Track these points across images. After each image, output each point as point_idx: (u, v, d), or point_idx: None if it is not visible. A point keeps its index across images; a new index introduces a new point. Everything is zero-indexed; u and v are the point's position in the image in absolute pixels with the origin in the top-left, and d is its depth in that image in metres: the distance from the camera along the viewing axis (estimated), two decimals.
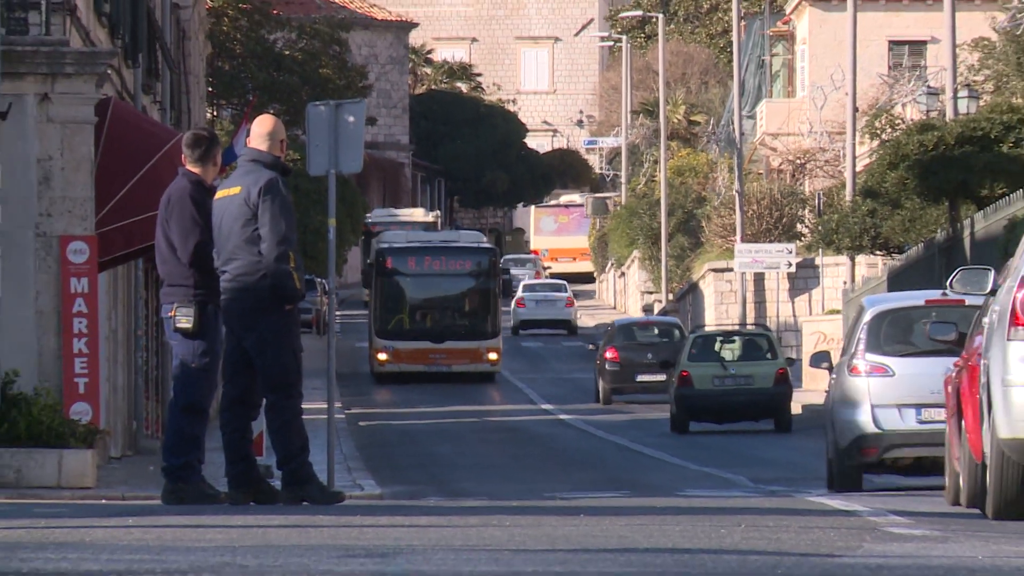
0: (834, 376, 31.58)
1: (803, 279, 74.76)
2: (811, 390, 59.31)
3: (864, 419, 29.44)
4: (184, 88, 47.68)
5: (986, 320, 18.45)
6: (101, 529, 12.41)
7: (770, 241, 75.28)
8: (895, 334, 30.35)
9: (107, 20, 35.57)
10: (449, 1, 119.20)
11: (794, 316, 76.90)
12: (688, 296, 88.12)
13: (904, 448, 29.06)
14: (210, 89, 59.53)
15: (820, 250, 71.46)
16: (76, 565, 8.21)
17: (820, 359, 35.71)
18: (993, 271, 19.84)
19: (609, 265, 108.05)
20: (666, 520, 15.20)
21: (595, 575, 7.78)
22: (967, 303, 24.98)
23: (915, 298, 33.33)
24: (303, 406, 19.37)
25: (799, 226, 77.97)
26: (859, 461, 28.92)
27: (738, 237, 77.02)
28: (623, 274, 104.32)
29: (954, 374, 20.23)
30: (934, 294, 30.97)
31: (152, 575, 7.57)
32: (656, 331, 68.78)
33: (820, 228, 69.08)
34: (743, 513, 17.20)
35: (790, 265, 72.69)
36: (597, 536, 11.96)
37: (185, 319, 18.97)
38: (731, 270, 77.81)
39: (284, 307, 18.86)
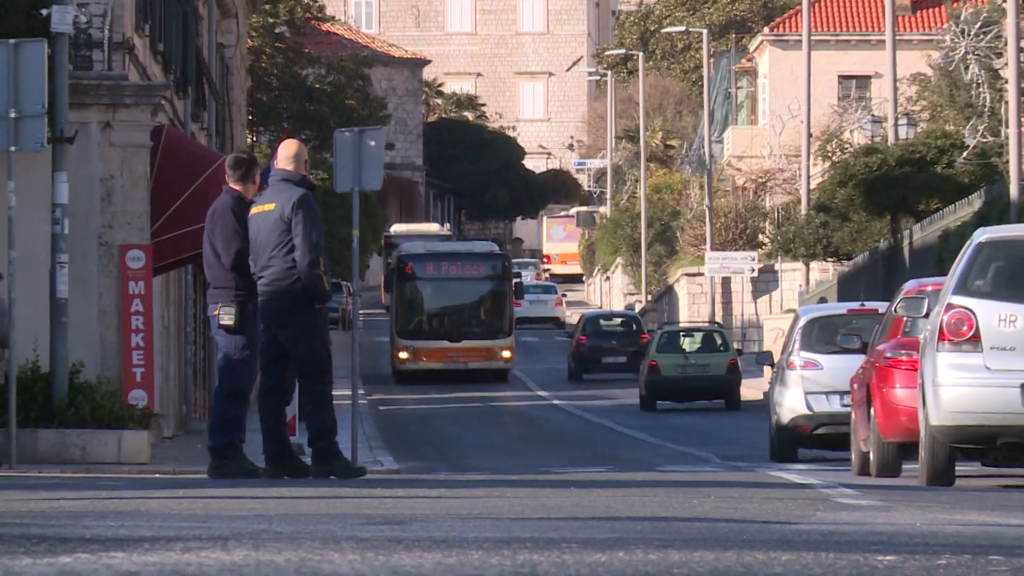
0: (776, 369, 34.35)
1: (764, 282, 74.64)
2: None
3: (799, 403, 31.65)
4: (227, 116, 47.56)
5: (921, 336, 20.74)
6: (155, 500, 12.37)
7: (736, 249, 75.20)
8: (823, 336, 32.24)
9: (161, 57, 35.52)
10: (457, 41, 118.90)
11: (756, 315, 76.89)
12: (665, 297, 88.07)
13: (830, 426, 30.59)
14: (250, 117, 59.30)
15: (779, 257, 71.41)
16: (132, 532, 8.16)
17: (764, 359, 42.57)
18: (928, 299, 21.61)
19: (596, 270, 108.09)
20: (645, 492, 15.14)
21: (584, 540, 7.73)
22: (879, 311, 27.69)
23: (839, 308, 38.82)
24: (332, 392, 19.42)
25: (761, 236, 77.80)
26: (795, 436, 31.23)
27: (708, 246, 76.95)
28: (608, 278, 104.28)
29: (861, 373, 23.25)
30: (854, 305, 35.03)
31: (198, 540, 7.52)
32: (619, 322, 69.85)
33: (779, 238, 69.25)
34: (712, 486, 17.15)
35: (753, 271, 72.57)
36: (586, 506, 11.91)
37: (228, 317, 19.20)
38: (702, 275, 77.83)
39: (315, 306, 18.94)
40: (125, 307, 29.20)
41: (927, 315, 20.84)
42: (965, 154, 52.68)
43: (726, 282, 76.79)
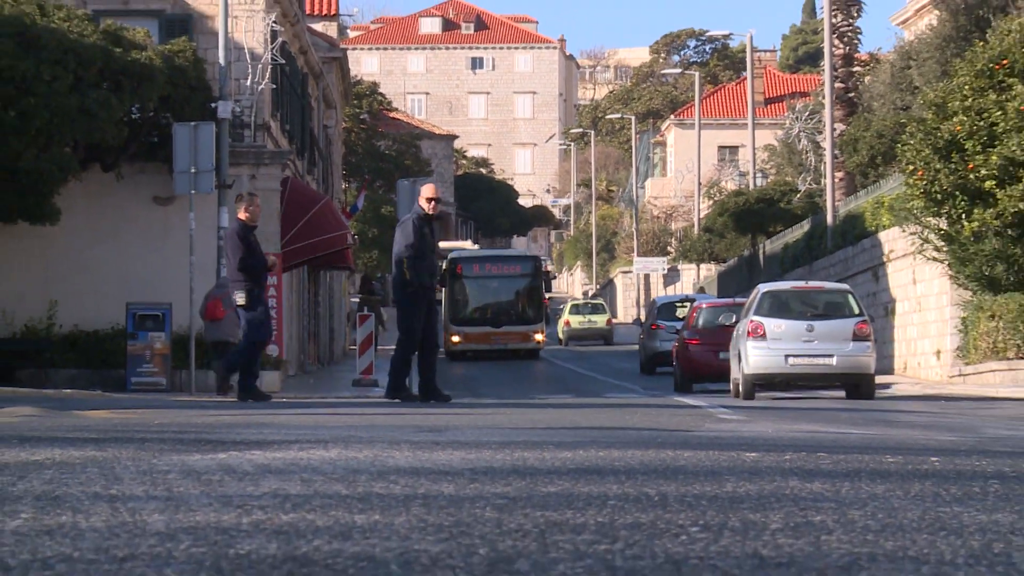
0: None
1: (671, 278, 74.52)
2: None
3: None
4: (329, 171, 47.51)
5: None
6: (282, 416, 12.30)
7: (653, 256, 75.27)
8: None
9: (287, 133, 35.44)
10: (476, 123, 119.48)
11: None
12: (608, 287, 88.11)
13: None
14: (343, 172, 59.19)
15: (680, 261, 71.42)
16: (266, 437, 8.09)
17: (637, 323, 44.02)
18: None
19: (564, 268, 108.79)
20: (596, 411, 15.06)
21: (557, 443, 7.65)
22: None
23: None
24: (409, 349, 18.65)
25: (668, 248, 77.81)
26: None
27: (635, 254, 77.09)
28: (571, 274, 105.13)
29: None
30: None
31: (309, 443, 7.45)
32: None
33: (680, 249, 69.49)
34: (638, 407, 17.07)
35: (664, 270, 72.52)
36: (558, 419, 11.84)
37: (240, 298, 18.75)
38: (631, 272, 78.00)
39: (405, 289, 18.12)
40: (264, 291, 29.08)
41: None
42: (798, 196, 52.67)
43: (647, 277, 76.83)
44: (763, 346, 23.83)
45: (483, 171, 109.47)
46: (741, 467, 5.95)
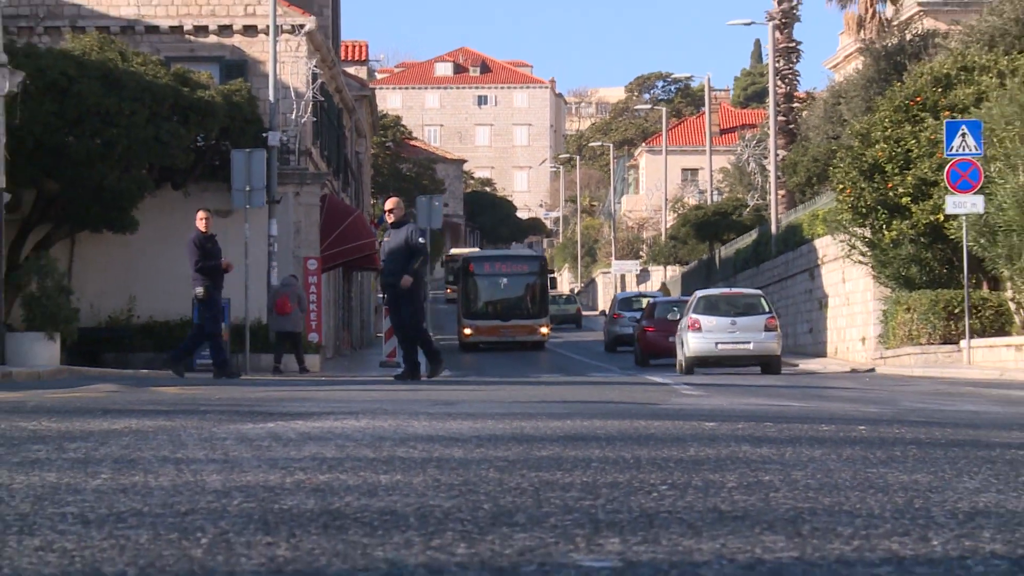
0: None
1: (643, 277, 74.28)
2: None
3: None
4: (360, 190, 47.47)
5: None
6: (320, 392, 12.28)
7: (628, 259, 75.22)
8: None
9: (326, 157, 35.41)
10: (482, 150, 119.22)
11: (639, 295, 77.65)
12: (590, 285, 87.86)
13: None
14: (372, 190, 59.19)
15: (650, 264, 71.32)
16: (307, 409, 8.06)
17: (603, 313, 43.83)
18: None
19: (553, 269, 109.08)
20: (580, 388, 15.03)
21: (549, 414, 7.62)
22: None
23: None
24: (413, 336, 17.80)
25: (641, 253, 77.68)
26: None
27: (613, 258, 77.07)
28: (560, 274, 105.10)
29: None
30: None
31: (342, 414, 7.42)
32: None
33: (650, 253, 69.34)
34: (615, 385, 17.06)
35: (637, 271, 72.51)
36: (549, 395, 11.80)
37: (198, 293, 18.18)
38: (610, 273, 77.93)
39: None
40: (306, 289, 29.04)
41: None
42: (747, 210, 52.60)
43: (623, 277, 76.67)
44: (699, 336, 26.59)
45: (487, 189, 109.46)
46: (701, 435, 5.91)
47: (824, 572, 2.37)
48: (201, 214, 18.76)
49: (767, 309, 27.11)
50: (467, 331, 42.14)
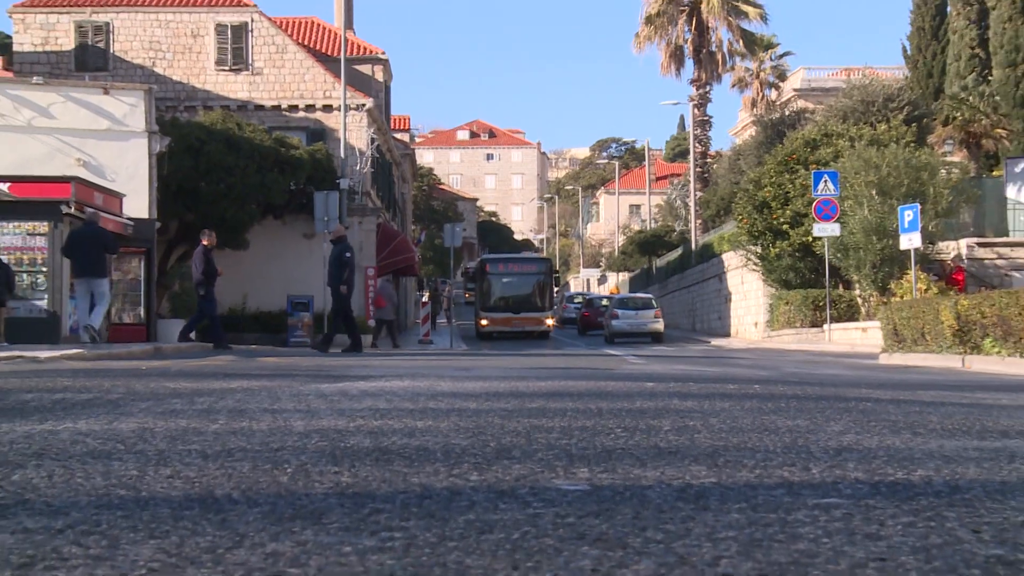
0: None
1: (602, 280, 74.09)
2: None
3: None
4: (404, 219, 47.34)
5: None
6: (376, 361, 12.18)
7: (592, 268, 75.08)
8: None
9: (380, 196, 35.20)
10: (490, 191, 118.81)
11: (599, 292, 77.31)
12: (565, 287, 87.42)
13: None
14: (412, 219, 59.06)
15: (607, 271, 71.19)
16: (367, 373, 7.97)
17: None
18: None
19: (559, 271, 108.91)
20: (559, 358, 14.95)
21: (536, 376, 7.54)
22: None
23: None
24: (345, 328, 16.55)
25: (600, 263, 77.58)
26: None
27: (581, 267, 77.00)
28: None
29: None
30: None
31: (390, 376, 7.33)
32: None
33: (607, 264, 69.13)
34: (583, 355, 16.97)
35: (598, 276, 72.34)
36: (537, 364, 11.71)
37: (202, 291, 16.06)
38: (579, 277, 77.75)
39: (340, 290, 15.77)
40: (367, 289, 28.92)
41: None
42: (675, 234, 52.45)
43: (588, 280, 76.55)
44: (617, 321, 30.24)
45: (493, 219, 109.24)
46: (644, 392, 5.83)
47: (736, 493, 2.29)
48: (207, 234, 16.69)
49: (655, 306, 31.17)
50: (484, 322, 36.72)
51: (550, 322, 36.57)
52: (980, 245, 25.06)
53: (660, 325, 30.32)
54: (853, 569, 1.58)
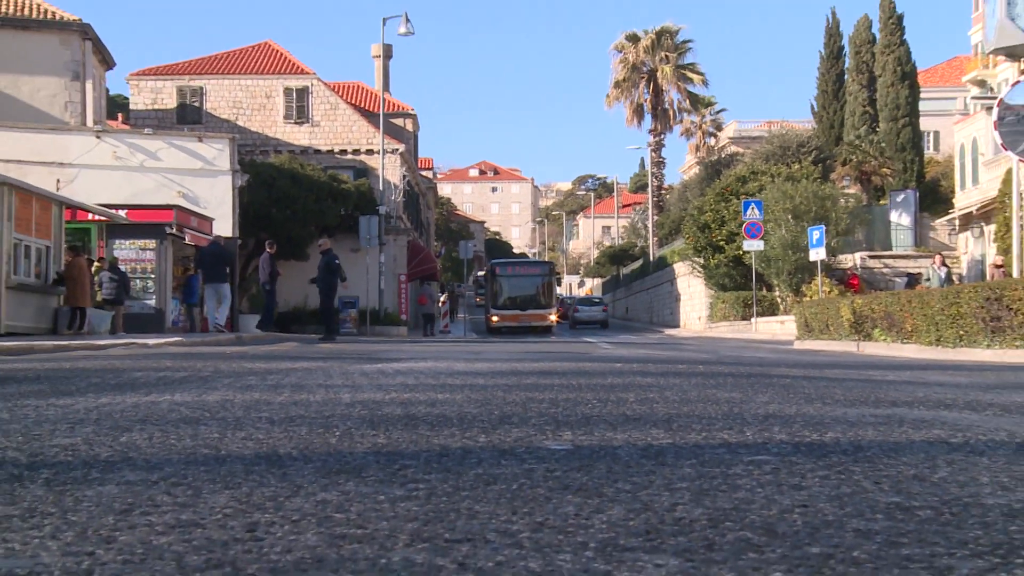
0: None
1: (582, 285, 74.05)
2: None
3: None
4: (428, 238, 47.13)
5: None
6: (406, 345, 12.10)
7: (574, 275, 74.85)
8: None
9: (410, 220, 34.37)
10: (495, 216, 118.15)
11: (576, 295, 76.97)
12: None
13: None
14: (435, 238, 58.78)
15: (585, 277, 70.96)
16: (398, 356, 7.91)
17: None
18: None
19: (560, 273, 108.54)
20: (549, 344, 14.86)
21: (532, 359, 7.47)
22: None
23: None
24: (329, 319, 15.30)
25: (580, 271, 77.39)
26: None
27: (565, 274, 76.79)
28: None
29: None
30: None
31: (416, 358, 7.26)
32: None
33: (585, 272, 68.86)
34: (569, 343, 16.89)
35: (579, 281, 72.15)
36: (532, 348, 11.64)
37: (268, 289, 14.75)
38: (564, 282, 77.64)
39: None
40: (400, 291, 28.79)
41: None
42: (638, 248, 52.15)
43: (570, 284, 76.31)
44: (578, 313, 34.61)
45: (496, 237, 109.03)
46: (614, 371, 5.77)
47: (687, 451, 2.24)
48: (269, 245, 15.60)
49: (603, 303, 35.86)
50: (494, 319, 32.79)
51: (553, 318, 33.49)
52: (871, 257, 25.42)
53: (605, 316, 34.76)
54: (783, 513, 1.54)
